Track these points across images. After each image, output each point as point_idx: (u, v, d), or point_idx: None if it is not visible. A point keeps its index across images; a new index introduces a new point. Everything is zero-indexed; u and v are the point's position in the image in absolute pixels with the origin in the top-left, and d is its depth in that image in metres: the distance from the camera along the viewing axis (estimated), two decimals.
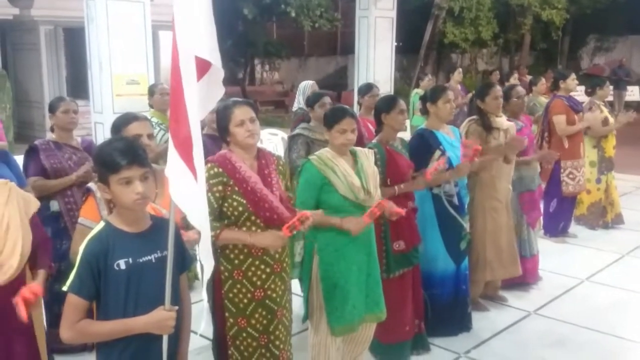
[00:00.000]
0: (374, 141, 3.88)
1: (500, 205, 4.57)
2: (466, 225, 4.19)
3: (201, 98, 2.18)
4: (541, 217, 5.87)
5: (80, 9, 6.58)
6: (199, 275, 4.30)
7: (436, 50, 20.43)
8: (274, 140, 8.79)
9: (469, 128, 4.52)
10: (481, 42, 20.67)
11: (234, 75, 19.56)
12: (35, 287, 2.31)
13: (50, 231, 3.69)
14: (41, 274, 2.52)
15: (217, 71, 2.21)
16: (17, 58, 12.65)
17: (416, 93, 9.32)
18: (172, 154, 2.07)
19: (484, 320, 4.56)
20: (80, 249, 2.15)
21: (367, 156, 3.38)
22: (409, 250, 3.75)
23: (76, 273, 2.11)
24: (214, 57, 2.16)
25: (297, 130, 4.62)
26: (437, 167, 3.75)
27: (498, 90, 4.54)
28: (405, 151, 3.92)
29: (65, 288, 2.12)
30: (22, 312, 2.25)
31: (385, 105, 3.85)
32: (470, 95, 9.89)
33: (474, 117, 4.59)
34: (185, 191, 2.07)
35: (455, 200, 4.09)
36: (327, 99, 4.74)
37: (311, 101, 4.77)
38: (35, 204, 2.55)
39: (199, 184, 2.07)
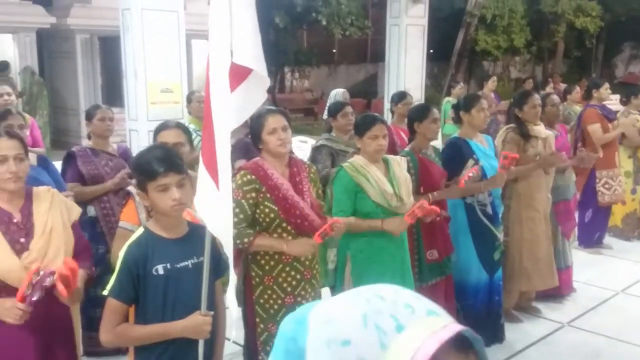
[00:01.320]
0: (406, 149, 3.88)
1: (538, 215, 4.51)
2: (500, 236, 4.15)
3: (238, 105, 2.20)
4: (576, 228, 5.77)
5: (115, 18, 6.71)
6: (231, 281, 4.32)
7: (468, 58, 20.28)
8: (304, 148, 8.80)
9: (506, 136, 4.47)
10: (514, 50, 20.47)
11: None
12: (71, 261, 2.31)
13: (87, 236, 3.75)
14: (81, 273, 2.56)
15: (259, 78, 2.23)
16: (53, 66, 12.93)
17: (448, 101, 9.27)
18: (200, 162, 2.11)
19: (517, 332, 4.50)
20: (120, 254, 2.19)
21: (399, 164, 3.39)
22: (442, 260, 3.73)
23: (116, 278, 2.16)
24: (258, 64, 2.18)
25: (320, 142, 4.61)
26: (469, 174, 3.72)
27: (536, 98, 4.49)
28: (438, 159, 3.90)
29: (105, 292, 2.17)
30: (59, 288, 2.25)
31: (418, 114, 3.84)
32: (505, 102, 9.83)
33: (512, 125, 4.53)
34: (206, 199, 2.09)
35: (489, 209, 4.05)
36: (349, 109, 4.68)
37: (333, 111, 4.71)
38: (77, 211, 2.61)
39: (220, 193, 2.08)
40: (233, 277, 2.23)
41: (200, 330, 2.19)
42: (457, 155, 4.00)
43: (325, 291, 3.39)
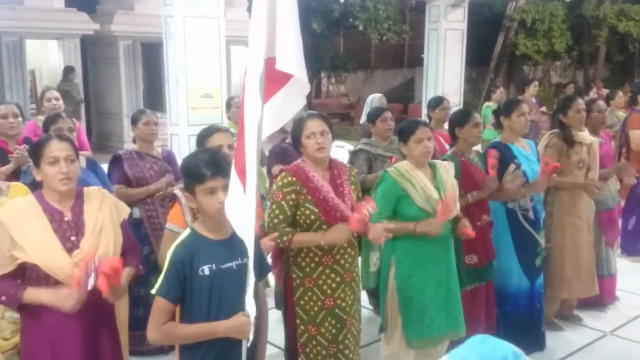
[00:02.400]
0: (448, 153, 3.87)
1: (581, 223, 4.43)
2: (542, 241, 4.10)
3: (275, 111, 2.24)
4: (619, 236, 5.65)
5: (157, 25, 6.86)
6: (270, 283, 4.38)
7: (507, 63, 20.05)
8: (340, 153, 8.83)
9: (549, 142, 4.41)
10: (554, 54, 20.14)
11: None
12: (113, 259, 2.39)
13: None
14: (127, 269, 2.63)
15: (299, 84, 2.26)
16: (97, 72, 13.25)
17: (487, 106, 9.18)
18: (232, 166, 2.16)
19: (558, 340, 4.42)
20: (168, 254, 2.26)
21: (446, 169, 3.38)
22: (483, 265, 3.71)
23: (164, 277, 2.22)
24: (299, 71, 2.21)
25: (358, 146, 4.61)
26: (493, 161, 3.71)
27: (581, 103, 4.42)
28: (481, 164, 3.88)
29: (153, 291, 2.23)
30: (101, 286, 2.32)
31: (460, 119, 3.83)
32: (543, 109, 9.69)
33: (555, 130, 4.48)
34: (234, 201, 2.14)
35: (531, 214, 4.01)
36: (388, 114, 4.69)
37: (372, 116, 4.72)
38: (125, 211, 2.69)
39: (246, 195, 2.12)
40: (252, 282, 2.24)
41: (243, 331, 2.23)
42: (498, 159, 3.96)
43: (364, 293, 3.40)
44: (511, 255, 4.01)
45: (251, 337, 2.25)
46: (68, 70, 11.54)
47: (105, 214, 2.54)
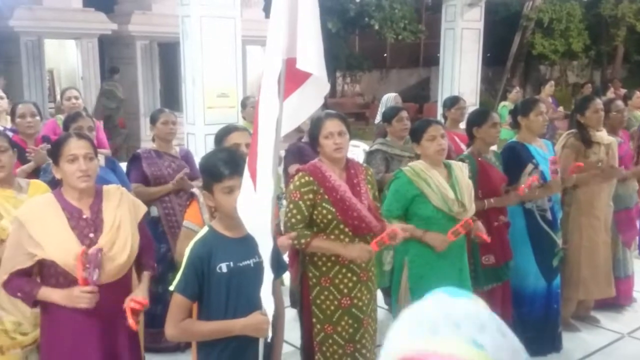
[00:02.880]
0: (465, 153, 3.86)
1: (598, 223, 4.40)
2: (559, 242, 4.07)
3: (292, 109, 2.24)
4: (637, 237, 5.59)
5: (174, 25, 6.90)
6: (285, 282, 4.39)
7: (524, 62, 19.90)
8: (355, 152, 8.84)
9: (566, 142, 4.38)
10: (571, 54, 19.96)
11: None
12: (141, 298, 2.46)
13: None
14: (146, 276, 2.67)
15: (318, 83, 2.26)
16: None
17: (504, 106, 9.14)
18: (246, 165, 2.17)
19: (575, 341, 4.39)
20: (186, 251, 2.28)
21: (461, 169, 3.37)
22: (499, 266, 3.69)
23: (182, 274, 2.24)
24: (319, 70, 2.21)
25: (375, 146, 4.59)
26: (530, 183, 3.67)
27: (599, 103, 4.39)
28: (499, 164, 3.86)
29: (171, 288, 2.25)
30: (131, 322, 2.40)
31: (478, 119, 3.82)
32: (560, 109, 9.61)
33: (573, 130, 4.45)
34: (245, 199, 2.14)
35: (549, 215, 3.99)
36: (404, 113, 4.66)
37: (388, 116, 4.69)
38: (143, 209, 2.72)
39: (257, 194, 2.13)
40: (269, 280, 2.25)
41: (260, 329, 2.25)
42: (515, 159, 3.94)
43: (379, 292, 3.40)
44: (528, 255, 3.99)
45: (270, 335, 2.27)
46: (113, 71, 11.72)
47: (123, 211, 2.57)
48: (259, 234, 2.20)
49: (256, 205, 2.13)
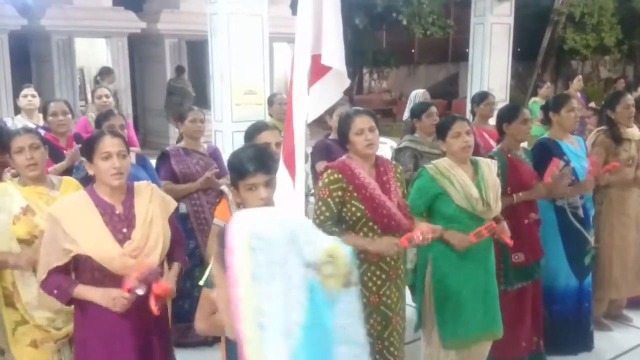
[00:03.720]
0: (495, 149, 3.80)
1: (630, 221, 4.32)
2: (591, 240, 4.01)
3: (313, 101, 2.24)
4: None
5: (201, 23, 6.94)
6: None
7: (555, 57, 19.58)
8: (383, 149, 8.80)
9: (596, 139, 4.30)
10: (604, 49, 19.57)
11: None
12: (164, 284, 2.49)
13: None
14: (175, 266, 2.72)
15: (338, 76, 2.25)
16: (143, 69, 13.50)
17: (534, 102, 9.00)
18: (281, 161, 2.17)
19: (606, 340, 4.32)
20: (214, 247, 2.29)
21: (489, 166, 3.30)
22: (530, 264, 3.64)
23: (211, 269, 2.25)
24: (340, 64, 2.21)
25: (403, 143, 4.53)
26: (552, 169, 3.60)
27: (629, 99, 4.29)
28: (529, 160, 3.80)
29: (201, 283, 2.27)
30: (152, 306, 2.42)
31: (507, 115, 3.75)
32: (592, 104, 9.42)
33: (603, 127, 4.36)
34: (284, 196, 2.14)
35: (581, 212, 3.92)
36: (433, 109, 4.59)
37: (417, 111, 4.62)
38: (173, 205, 2.76)
39: (296, 191, 2.13)
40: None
41: None
42: (546, 156, 3.88)
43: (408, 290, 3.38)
44: (560, 253, 3.93)
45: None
46: (180, 70, 11.97)
47: (154, 207, 2.62)
48: None
49: (295, 202, 2.13)
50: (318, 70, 2.23)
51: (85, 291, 2.46)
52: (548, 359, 3.97)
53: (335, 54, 2.20)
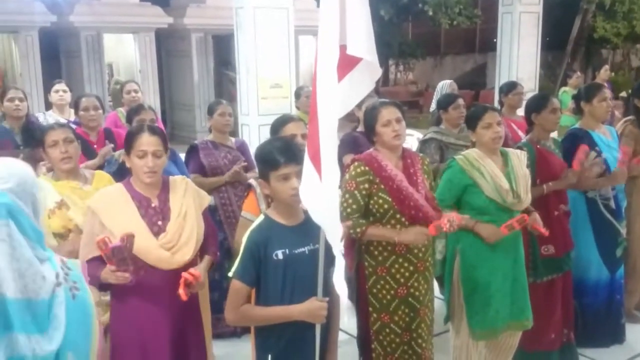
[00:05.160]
0: (523, 140, 3.76)
1: None
2: (623, 231, 3.94)
3: (344, 95, 2.23)
4: None
5: (227, 17, 6.98)
6: None
7: (585, 46, 19.21)
8: (409, 141, 8.75)
9: (624, 129, 4.23)
10: (635, 37, 19.12)
11: None
12: (194, 271, 2.53)
13: None
14: (206, 259, 2.76)
15: (369, 67, 2.23)
16: (170, 64, 13.63)
17: (564, 91, 8.88)
18: (305, 154, 2.16)
19: (638, 333, 4.26)
20: (243, 239, 2.32)
21: (518, 158, 3.26)
22: (560, 256, 3.60)
23: (240, 261, 2.30)
24: (370, 54, 2.19)
25: (429, 135, 4.50)
26: (581, 156, 3.55)
27: None
28: (558, 151, 3.75)
29: (230, 274, 2.31)
30: (181, 292, 2.46)
31: (536, 104, 3.70)
32: (623, 94, 9.25)
33: (630, 117, 4.28)
34: (310, 189, 2.15)
35: (612, 203, 3.86)
36: (461, 101, 4.55)
37: (444, 103, 4.59)
38: (206, 199, 2.82)
39: (323, 184, 2.13)
40: (340, 266, 2.25)
41: (317, 315, 2.27)
42: (578, 146, 3.82)
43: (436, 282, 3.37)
44: (591, 245, 3.89)
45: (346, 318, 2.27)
46: (228, 62, 12.14)
47: (188, 201, 2.66)
48: (329, 224, 2.20)
49: (323, 195, 2.14)
50: (345, 63, 2.21)
51: (103, 273, 2.44)
52: (579, 351, 3.93)
53: (363, 44, 2.18)
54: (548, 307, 3.63)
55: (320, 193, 2.14)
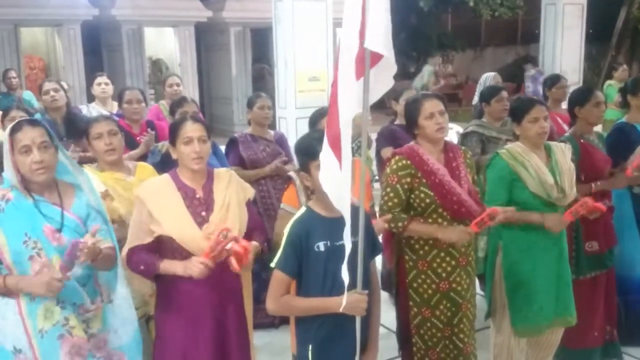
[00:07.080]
0: (567, 134, 3.68)
1: None
2: None
3: (364, 92, 2.21)
4: None
5: (265, 11, 7.01)
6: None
7: (630, 38, 18.66)
8: (449, 134, 8.65)
9: None
10: None
11: (406, 69, 19.50)
12: (244, 241, 2.54)
13: None
14: (254, 244, 2.73)
15: (388, 65, 2.20)
16: (209, 58, 13.75)
17: (610, 85, 8.64)
18: (325, 143, 2.15)
19: None
20: (285, 230, 2.34)
21: (562, 152, 3.19)
22: (603, 252, 3.52)
23: (282, 251, 2.32)
24: (388, 51, 2.17)
25: (470, 128, 4.43)
26: (639, 162, 3.45)
27: None
28: (602, 146, 3.66)
29: (272, 264, 2.33)
30: (234, 264, 2.47)
31: (580, 98, 3.62)
32: None
33: None
34: (331, 178, 2.14)
35: None
36: (504, 93, 4.45)
37: (487, 95, 4.49)
38: (250, 191, 2.84)
39: (343, 172, 2.13)
40: (361, 256, 2.24)
41: (357, 307, 2.27)
42: (624, 141, 3.72)
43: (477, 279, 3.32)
44: (636, 242, 3.80)
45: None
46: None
47: (232, 193, 2.70)
48: (345, 211, 2.20)
49: (342, 183, 2.15)
50: (365, 59, 2.18)
51: (170, 264, 2.54)
52: (622, 350, 3.84)
53: (381, 39, 2.14)
54: (591, 305, 3.56)
55: (340, 182, 2.14)
